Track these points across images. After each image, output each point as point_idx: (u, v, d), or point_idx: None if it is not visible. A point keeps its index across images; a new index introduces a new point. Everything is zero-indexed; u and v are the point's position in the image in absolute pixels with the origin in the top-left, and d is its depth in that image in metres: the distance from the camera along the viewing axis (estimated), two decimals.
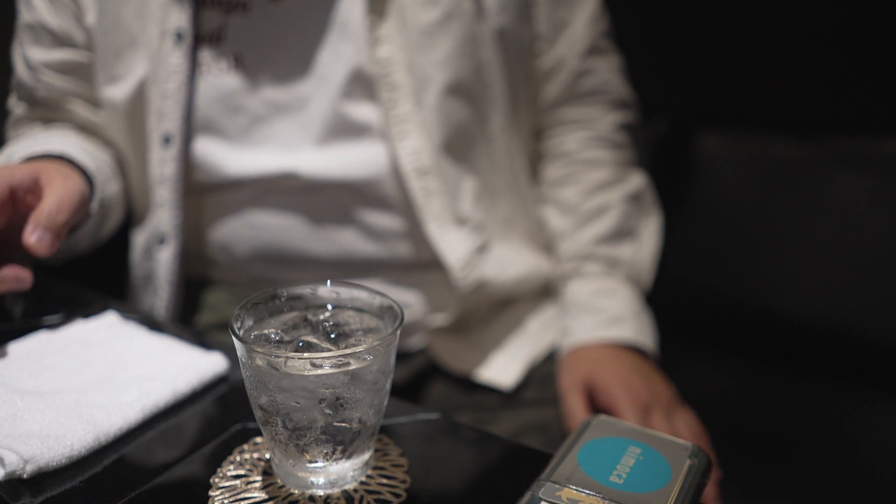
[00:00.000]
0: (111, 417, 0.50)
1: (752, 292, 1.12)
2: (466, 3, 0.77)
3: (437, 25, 0.76)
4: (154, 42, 0.75)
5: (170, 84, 0.75)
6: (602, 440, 0.44)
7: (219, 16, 0.76)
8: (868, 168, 1.05)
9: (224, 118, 0.77)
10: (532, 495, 0.39)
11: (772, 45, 1.18)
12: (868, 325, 1.04)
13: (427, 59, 0.76)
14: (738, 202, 1.14)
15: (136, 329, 0.63)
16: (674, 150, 1.19)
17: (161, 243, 0.80)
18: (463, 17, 0.77)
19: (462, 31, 0.77)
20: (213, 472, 0.46)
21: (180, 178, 0.78)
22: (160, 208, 0.79)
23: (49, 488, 0.45)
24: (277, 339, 0.44)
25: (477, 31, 0.78)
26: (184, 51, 0.75)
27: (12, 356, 0.58)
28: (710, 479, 0.43)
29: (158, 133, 0.77)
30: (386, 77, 0.75)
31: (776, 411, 1.01)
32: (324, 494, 0.44)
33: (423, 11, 0.75)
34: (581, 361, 0.79)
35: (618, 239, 0.87)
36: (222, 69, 0.76)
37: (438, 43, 0.76)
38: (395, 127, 0.76)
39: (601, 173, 0.89)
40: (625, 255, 0.87)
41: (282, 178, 0.78)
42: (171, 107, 0.76)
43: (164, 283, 0.81)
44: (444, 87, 0.77)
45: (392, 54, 0.75)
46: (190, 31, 0.75)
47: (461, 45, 0.77)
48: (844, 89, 1.15)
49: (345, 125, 0.77)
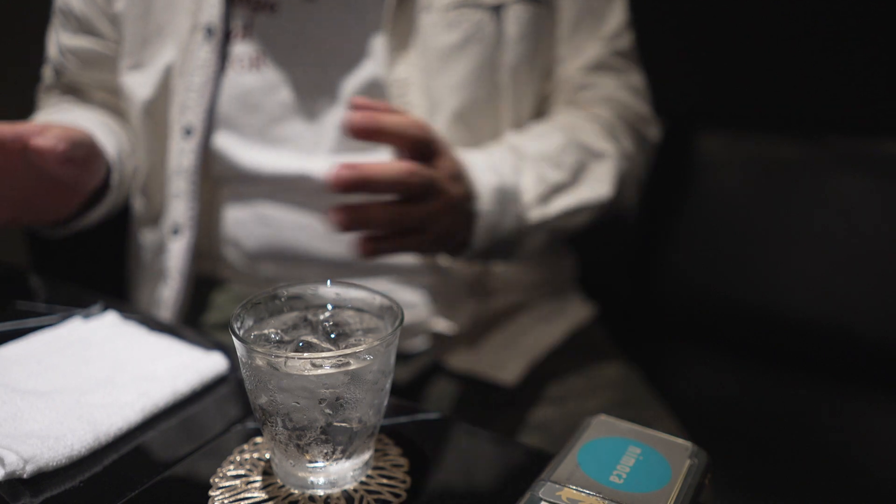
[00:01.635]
0: (111, 417, 0.50)
1: (752, 292, 1.12)
2: (489, 27, 0.76)
3: (455, 49, 0.76)
4: (184, 35, 0.76)
5: (196, 77, 0.77)
6: (602, 440, 0.44)
7: (247, 13, 0.77)
8: (868, 168, 1.05)
9: (242, 115, 0.79)
10: (532, 495, 0.39)
11: (772, 46, 1.18)
12: (868, 325, 1.04)
13: (441, 82, 0.76)
14: (738, 202, 1.14)
15: (136, 329, 0.63)
16: (674, 150, 1.19)
17: (175, 234, 0.81)
18: (483, 42, 0.77)
19: (480, 55, 0.77)
20: (213, 472, 0.46)
21: (198, 169, 0.79)
22: (176, 199, 0.80)
23: (49, 488, 0.45)
24: (277, 339, 0.44)
25: (496, 56, 0.78)
26: (213, 46, 0.76)
27: (12, 356, 0.58)
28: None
29: (180, 124, 0.78)
30: (401, 97, 0.76)
31: (776, 411, 1.02)
32: (324, 494, 0.44)
33: (442, 34, 0.75)
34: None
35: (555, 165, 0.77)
36: (244, 66, 0.77)
37: (454, 67, 0.76)
38: None
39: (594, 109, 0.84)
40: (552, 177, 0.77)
41: (296, 179, 0.78)
42: (195, 100, 0.77)
43: (176, 274, 0.82)
44: (453, 112, 0.77)
45: (409, 75, 0.76)
46: (220, 26, 0.76)
47: (477, 70, 0.77)
48: (844, 89, 1.15)
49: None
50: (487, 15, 0.76)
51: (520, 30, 0.78)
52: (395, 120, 0.60)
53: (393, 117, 0.59)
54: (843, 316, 1.05)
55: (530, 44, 0.79)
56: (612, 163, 0.80)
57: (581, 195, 0.77)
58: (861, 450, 0.93)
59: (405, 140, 0.60)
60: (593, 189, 0.78)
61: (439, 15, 0.75)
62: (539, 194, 0.73)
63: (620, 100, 0.85)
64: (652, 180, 1.20)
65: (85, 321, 0.64)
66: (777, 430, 0.96)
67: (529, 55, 0.80)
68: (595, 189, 0.78)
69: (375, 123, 0.58)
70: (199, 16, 0.76)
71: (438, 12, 0.75)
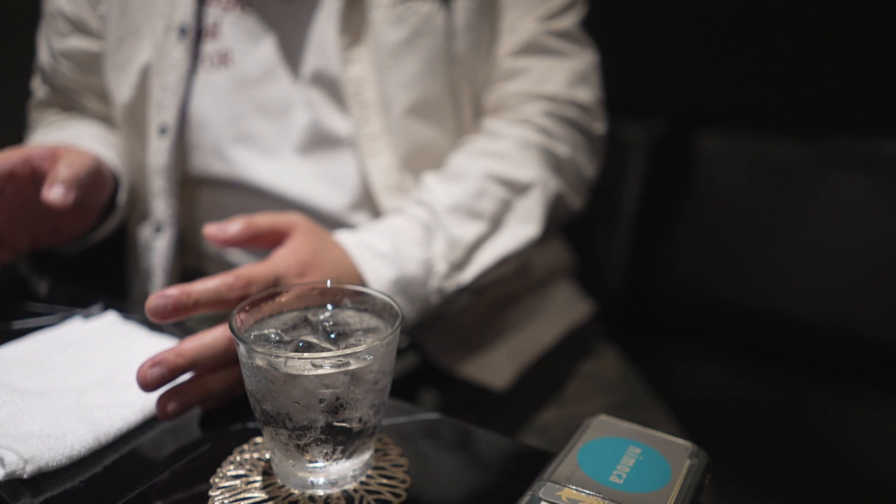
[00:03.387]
0: (111, 417, 0.50)
1: (751, 292, 1.12)
2: (438, 20, 0.75)
3: (403, 45, 0.75)
4: (159, 35, 0.78)
5: (170, 77, 0.78)
6: (602, 440, 0.44)
7: (217, 13, 0.78)
8: (867, 168, 1.05)
9: (212, 113, 0.79)
10: (532, 495, 0.39)
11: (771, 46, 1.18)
12: (868, 324, 1.04)
13: (392, 79, 0.76)
14: (738, 202, 1.14)
15: (136, 329, 0.63)
16: (673, 150, 1.19)
17: (158, 231, 0.82)
18: (432, 36, 0.75)
19: (431, 50, 0.76)
20: (213, 472, 0.46)
21: (174, 167, 0.80)
22: (157, 198, 0.81)
23: (49, 488, 0.45)
24: (277, 339, 0.44)
25: (448, 49, 0.76)
26: (186, 45, 0.77)
27: (12, 356, 0.58)
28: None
29: (156, 123, 0.79)
30: (357, 95, 0.76)
31: (776, 411, 1.02)
32: (324, 494, 0.44)
33: (389, 31, 0.75)
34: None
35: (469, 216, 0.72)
36: (213, 65, 0.79)
37: (404, 63, 0.76)
38: (366, 144, 0.77)
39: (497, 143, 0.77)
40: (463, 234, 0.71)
41: (263, 189, 0.79)
42: (170, 99, 0.78)
43: (160, 271, 0.83)
44: (405, 108, 0.76)
45: (364, 73, 0.76)
46: (193, 26, 0.77)
47: (429, 65, 0.76)
48: (844, 89, 1.15)
49: (322, 136, 0.78)
50: (436, 6, 0.75)
51: (468, 19, 0.76)
52: (212, 287, 0.52)
53: (209, 284, 0.52)
54: (843, 315, 1.05)
55: (479, 33, 0.78)
56: (538, 194, 0.74)
57: (505, 244, 0.72)
58: (861, 450, 0.93)
59: (230, 304, 0.53)
60: (518, 233, 0.73)
61: (387, 10, 0.75)
62: (452, 262, 0.68)
63: (555, 93, 0.79)
64: (651, 180, 1.20)
65: (85, 321, 0.64)
66: (777, 430, 0.96)
67: (480, 44, 0.78)
68: (520, 232, 0.73)
69: (183, 303, 0.51)
70: (172, 16, 0.77)
71: (386, 8, 0.75)
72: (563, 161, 0.78)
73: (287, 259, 0.58)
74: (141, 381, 0.49)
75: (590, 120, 0.82)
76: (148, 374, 0.48)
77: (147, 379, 0.48)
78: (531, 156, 0.76)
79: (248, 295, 0.53)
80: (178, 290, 0.51)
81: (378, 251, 0.65)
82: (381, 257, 0.64)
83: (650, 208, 1.20)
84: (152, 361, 0.49)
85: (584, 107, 0.81)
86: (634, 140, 1.19)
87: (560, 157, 0.78)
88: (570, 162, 0.79)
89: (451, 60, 0.77)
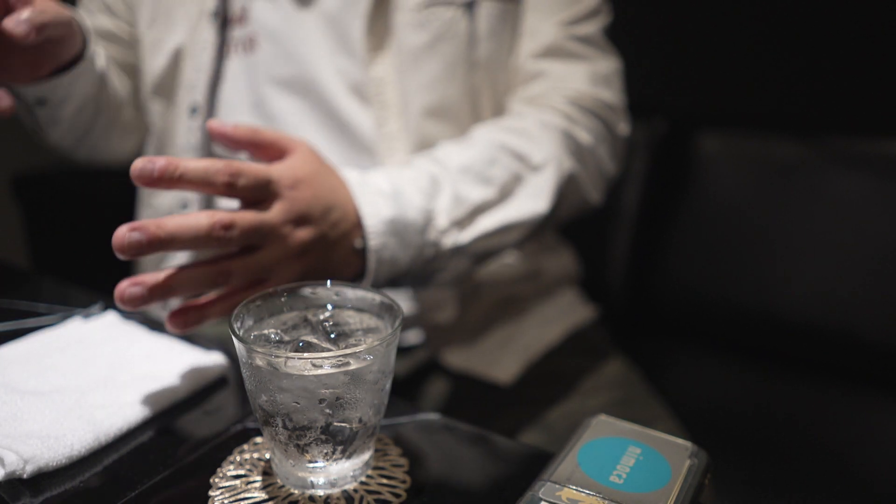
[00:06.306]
0: (111, 417, 0.50)
1: (752, 292, 1.12)
2: (460, 26, 0.77)
3: (425, 49, 0.77)
4: (192, 18, 0.82)
5: (203, 58, 0.81)
6: (602, 440, 0.44)
7: (246, 0, 0.81)
8: (867, 168, 1.05)
9: (238, 96, 0.82)
10: (532, 495, 0.39)
11: (772, 46, 1.18)
12: (868, 324, 1.04)
13: (413, 81, 0.78)
14: (738, 202, 1.14)
15: (136, 329, 0.63)
16: (673, 150, 1.19)
17: (184, 208, 0.83)
18: (454, 41, 0.77)
19: (451, 54, 0.77)
20: (213, 472, 0.46)
21: (205, 146, 0.83)
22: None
23: (49, 488, 0.45)
24: (277, 339, 0.44)
25: (469, 54, 0.78)
26: (216, 29, 0.81)
27: (12, 356, 0.58)
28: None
29: (187, 103, 0.83)
30: (378, 95, 0.78)
31: (776, 411, 1.02)
32: (324, 494, 0.44)
33: (412, 35, 0.77)
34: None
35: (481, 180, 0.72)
36: (241, 49, 0.82)
37: (425, 66, 0.78)
38: (384, 143, 0.78)
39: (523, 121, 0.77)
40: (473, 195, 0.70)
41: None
42: (201, 79, 0.82)
43: (181, 255, 0.83)
44: (423, 110, 0.78)
45: (385, 74, 0.78)
46: (222, 11, 0.81)
47: (449, 69, 0.78)
48: (844, 89, 1.15)
49: (343, 129, 0.80)
50: (459, 12, 0.77)
51: (490, 25, 0.78)
52: (201, 166, 0.51)
53: (199, 163, 0.51)
54: (843, 316, 1.05)
55: (501, 39, 0.80)
56: (551, 171, 0.73)
57: (509, 213, 0.70)
58: (861, 450, 0.93)
59: (214, 188, 0.52)
60: (524, 205, 0.71)
61: (411, 15, 0.77)
62: (454, 219, 0.67)
63: (578, 89, 0.79)
64: (652, 180, 1.20)
65: (85, 321, 0.64)
66: (777, 431, 0.96)
67: (502, 50, 0.80)
68: (527, 205, 0.72)
69: (169, 172, 0.50)
70: (205, 2, 0.81)
71: (410, 12, 0.77)
72: (583, 148, 0.78)
73: (282, 168, 0.56)
74: (118, 244, 0.48)
75: (614, 118, 0.82)
76: (126, 236, 0.48)
77: (124, 242, 0.48)
78: (550, 136, 0.75)
79: (235, 184, 0.52)
80: (167, 159, 0.50)
81: (379, 189, 0.63)
82: (381, 195, 0.63)
83: (651, 208, 1.20)
84: (132, 226, 0.48)
85: (609, 105, 0.81)
86: (635, 140, 1.19)
87: (581, 143, 0.77)
88: (590, 151, 0.79)
89: (471, 65, 0.79)
